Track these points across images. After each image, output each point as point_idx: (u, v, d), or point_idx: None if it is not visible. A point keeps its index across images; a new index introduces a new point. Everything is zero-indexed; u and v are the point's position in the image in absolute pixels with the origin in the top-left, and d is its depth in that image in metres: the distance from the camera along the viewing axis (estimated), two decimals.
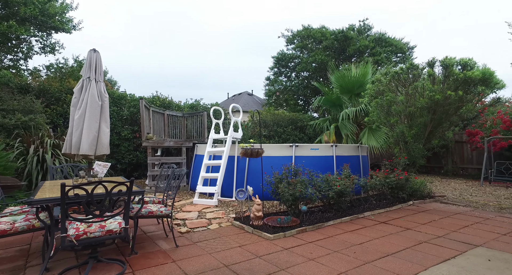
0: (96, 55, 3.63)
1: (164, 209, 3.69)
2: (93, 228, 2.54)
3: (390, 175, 5.84)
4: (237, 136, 7.01)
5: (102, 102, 3.61)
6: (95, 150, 3.49)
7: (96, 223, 2.61)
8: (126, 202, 2.68)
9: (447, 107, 6.01)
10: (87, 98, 3.43)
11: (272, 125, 14.02)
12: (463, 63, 5.73)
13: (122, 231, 2.65)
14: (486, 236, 3.99)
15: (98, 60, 3.64)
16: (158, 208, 3.67)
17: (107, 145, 3.70)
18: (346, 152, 7.00)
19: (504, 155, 9.79)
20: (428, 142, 6.52)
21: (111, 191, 2.56)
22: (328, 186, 4.96)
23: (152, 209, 3.58)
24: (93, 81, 3.54)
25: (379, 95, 6.42)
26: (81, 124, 3.37)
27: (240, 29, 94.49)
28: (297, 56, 17.32)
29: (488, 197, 6.84)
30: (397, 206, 5.68)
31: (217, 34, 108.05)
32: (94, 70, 3.55)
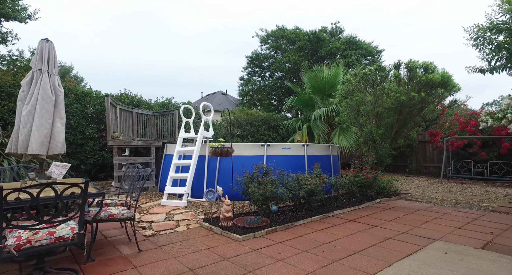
0: (49, 45, 3.32)
1: (127, 211, 3.46)
2: (40, 235, 2.29)
3: (359, 174, 5.98)
4: (207, 135, 6.84)
5: (56, 97, 3.31)
6: (48, 149, 3.19)
7: (44, 229, 2.36)
8: (80, 206, 2.45)
9: (412, 108, 6.27)
10: (38, 92, 3.12)
11: (245, 124, 13.94)
12: (425, 66, 6.01)
13: (76, 238, 2.42)
14: (444, 230, 4.19)
15: (51, 51, 3.33)
16: (120, 211, 3.44)
17: (62, 143, 3.41)
18: (317, 151, 7.08)
19: (460, 154, 10.47)
20: (395, 142, 6.77)
21: (62, 193, 2.33)
22: (298, 185, 4.97)
23: (113, 212, 3.35)
24: (45, 73, 3.23)
25: (349, 96, 6.56)
26: (30, 120, 3.06)
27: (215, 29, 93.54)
28: (271, 56, 17.40)
29: (446, 194, 7.24)
30: (366, 204, 5.83)
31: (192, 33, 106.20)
32: (46, 61, 3.24)
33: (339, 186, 5.64)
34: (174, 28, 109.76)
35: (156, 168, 8.07)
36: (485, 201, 6.32)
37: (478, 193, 7.44)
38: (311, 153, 6.90)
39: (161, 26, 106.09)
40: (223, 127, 14.29)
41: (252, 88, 17.84)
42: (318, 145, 7.24)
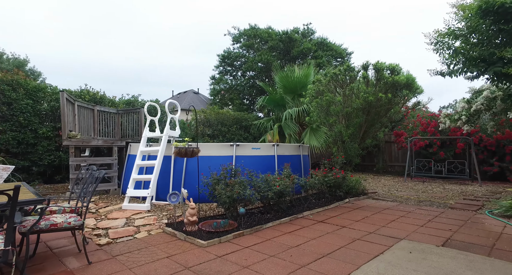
0: None
1: (74, 219, 3.08)
2: None
3: (329, 174, 5.97)
4: (174, 135, 6.49)
5: None
6: None
7: None
8: (8, 217, 2.09)
9: (379, 108, 6.39)
10: None
11: (216, 124, 13.64)
12: (392, 68, 6.15)
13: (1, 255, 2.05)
14: (408, 228, 4.25)
15: None
16: (66, 218, 3.05)
17: None
18: (288, 151, 7.01)
19: (422, 154, 11.00)
20: (363, 142, 6.88)
21: None
22: (267, 186, 4.82)
23: (57, 221, 2.96)
24: None
25: (319, 95, 6.55)
26: None
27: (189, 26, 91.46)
28: (243, 55, 17.21)
29: (410, 192, 7.51)
30: (335, 204, 5.83)
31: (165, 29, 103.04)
32: None
33: (309, 186, 5.58)
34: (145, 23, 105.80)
35: (120, 169, 7.55)
36: (444, 198, 6.61)
37: (437, 190, 7.80)
38: (282, 153, 6.81)
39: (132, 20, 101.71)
40: (193, 126, 13.88)
41: (223, 87, 17.53)
42: (289, 145, 7.17)
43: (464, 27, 4.73)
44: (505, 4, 4.04)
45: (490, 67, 4.18)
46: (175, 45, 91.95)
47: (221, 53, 17.24)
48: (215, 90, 17.53)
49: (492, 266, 2.96)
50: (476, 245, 3.56)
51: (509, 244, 3.61)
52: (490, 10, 4.19)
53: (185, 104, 29.52)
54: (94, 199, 6.31)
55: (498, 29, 4.13)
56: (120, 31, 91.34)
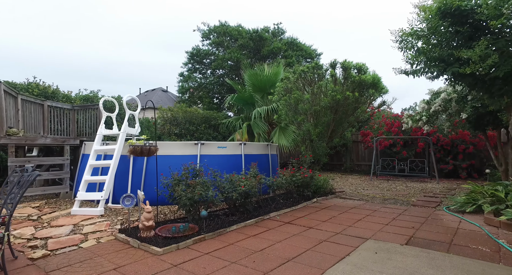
0: None
1: None
2: None
3: (297, 173, 5.85)
4: (132, 132, 6.00)
5: None
6: None
7: None
8: None
9: (347, 107, 6.40)
10: None
11: (184, 123, 13.12)
12: (358, 67, 6.18)
13: None
14: (374, 227, 4.22)
15: None
16: None
17: None
18: (255, 150, 6.80)
19: (386, 153, 11.39)
20: (331, 141, 6.87)
21: None
22: (232, 187, 4.56)
23: None
24: None
25: (287, 93, 6.42)
26: None
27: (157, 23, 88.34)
28: (212, 53, 16.78)
29: (375, 190, 7.65)
30: (303, 204, 5.71)
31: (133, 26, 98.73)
32: None
33: (276, 186, 5.41)
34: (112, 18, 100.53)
35: (74, 170, 6.87)
36: (407, 196, 6.79)
37: (400, 188, 8.04)
38: (249, 152, 6.59)
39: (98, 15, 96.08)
40: (160, 124, 13.23)
41: (192, 85, 16.97)
42: (256, 144, 6.98)
43: (425, 28, 4.82)
44: (460, 6, 4.16)
45: (449, 68, 4.29)
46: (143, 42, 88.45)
47: (190, 50, 16.67)
48: (184, 88, 16.92)
49: (451, 263, 2.96)
50: (437, 242, 3.58)
51: (464, 239, 3.68)
52: (448, 12, 4.29)
53: (153, 102, 28.30)
54: (39, 204, 5.64)
55: (455, 31, 4.25)
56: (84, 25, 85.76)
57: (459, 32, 4.14)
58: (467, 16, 4.21)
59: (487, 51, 3.71)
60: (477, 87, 4.49)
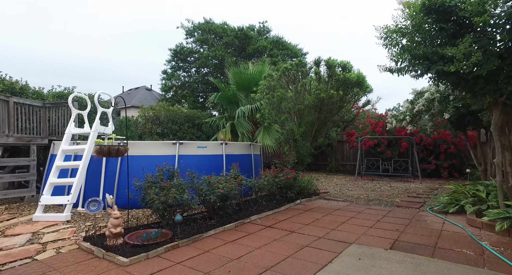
0: None
1: None
2: None
3: (280, 174, 5.64)
4: (106, 131, 5.62)
5: None
6: None
7: None
8: None
9: (331, 106, 6.25)
10: None
11: (166, 122, 12.72)
12: (343, 65, 6.04)
13: None
14: (358, 231, 4.06)
15: None
16: None
17: None
18: (238, 150, 6.55)
19: (371, 153, 11.40)
20: (315, 141, 6.71)
21: None
22: (211, 189, 4.29)
23: None
24: None
25: (270, 91, 6.21)
26: None
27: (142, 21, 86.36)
28: (197, 51, 16.38)
29: (360, 191, 7.56)
30: (286, 206, 5.51)
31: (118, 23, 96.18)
32: None
33: (258, 188, 5.18)
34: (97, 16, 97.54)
35: (37, 172, 6.39)
36: (391, 197, 6.72)
37: (385, 188, 8.00)
38: (231, 153, 6.33)
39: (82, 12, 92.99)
40: (140, 124, 12.77)
41: (176, 83, 16.51)
42: (239, 144, 6.73)
43: (410, 26, 4.71)
44: (445, 2, 4.06)
45: (433, 66, 4.18)
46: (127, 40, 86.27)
47: (173, 48, 16.20)
48: (167, 86, 16.43)
49: (436, 269, 2.82)
50: (421, 246, 3.45)
51: (449, 242, 3.57)
52: (432, 8, 4.18)
53: (136, 101, 27.53)
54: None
55: (439, 28, 4.15)
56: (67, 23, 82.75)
57: (443, 29, 4.05)
58: (451, 13, 4.12)
59: (471, 49, 3.62)
60: (460, 86, 4.43)
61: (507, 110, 4.28)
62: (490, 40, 3.95)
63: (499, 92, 4.01)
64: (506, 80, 3.88)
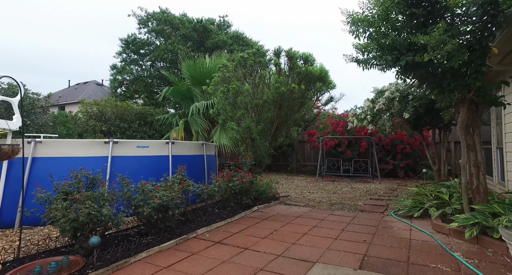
0: None
1: None
2: None
3: (234, 178, 4.93)
4: (11, 126, 4.41)
5: None
6: None
7: None
8: None
9: (292, 102, 5.71)
10: None
11: (113, 119, 11.35)
12: (305, 57, 5.53)
13: None
14: (322, 244, 3.51)
15: None
16: None
17: None
18: (187, 150, 5.71)
19: (332, 153, 11.21)
20: (275, 140, 6.12)
21: None
22: (145, 199, 3.44)
23: None
24: None
25: (225, 84, 5.47)
26: None
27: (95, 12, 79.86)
28: (152, 43, 15.06)
29: (322, 193, 7.15)
30: (241, 215, 4.81)
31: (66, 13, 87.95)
32: None
33: (207, 195, 4.41)
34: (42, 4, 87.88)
35: None
36: (353, 199, 6.38)
37: (346, 190, 7.70)
38: (179, 153, 5.47)
39: None
40: (81, 121, 11.22)
41: (128, 77, 15.00)
42: (189, 143, 5.89)
43: (376, 15, 4.29)
44: None
45: (402, 57, 3.82)
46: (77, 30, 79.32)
47: (125, 38, 14.69)
48: (117, 81, 14.84)
49: None
50: (393, 262, 2.98)
51: (421, 255, 3.15)
52: None
53: (84, 97, 25.00)
54: None
55: (411, 14, 3.78)
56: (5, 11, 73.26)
57: (413, 15, 3.68)
58: None
59: (443, 37, 3.28)
60: (428, 81, 4.14)
61: (472, 108, 4.05)
62: (460, 30, 3.66)
63: (467, 88, 3.74)
64: (474, 75, 3.62)
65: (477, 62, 3.52)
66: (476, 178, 3.99)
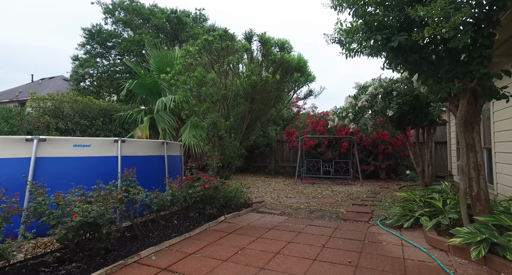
0: None
1: None
2: None
3: (195, 183, 4.10)
4: None
5: None
6: None
7: None
8: None
9: (266, 95, 4.97)
10: None
11: (72, 115, 10.15)
12: (281, 43, 4.82)
13: None
14: (298, 268, 2.78)
15: None
16: None
17: None
18: (143, 150, 4.81)
19: (311, 154, 10.60)
20: (247, 139, 5.35)
21: None
22: (59, 216, 2.56)
23: None
24: None
25: (187, 72, 4.64)
26: None
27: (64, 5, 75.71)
28: (119, 35, 13.85)
29: (300, 198, 6.47)
30: (202, 228, 4.00)
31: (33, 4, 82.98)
32: None
33: (157, 206, 3.56)
34: None
35: None
36: (334, 205, 5.73)
37: (326, 194, 7.07)
38: (132, 154, 4.57)
39: None
40: (32, 116, 9.92)
41: (92, 71, 13.70)
42: (144, 142, 4.99)
43: None
44: None
45: (394, 37, 3.18)
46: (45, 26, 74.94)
47: (88, 28, 13.40)
48: (78, 74, 13.50)
49: None
50: None
51: None
52: None
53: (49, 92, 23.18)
54: None
55: None
56: None
57: None
58: None
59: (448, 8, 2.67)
60: (422, 69, 3.54)
61: (472, 100, 3.47)
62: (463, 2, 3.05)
63: (469, 75, 3.15)
64: (479, 60, 3.03)
65: (485, 42, 2.92)
66: (476, 183, 3.41)
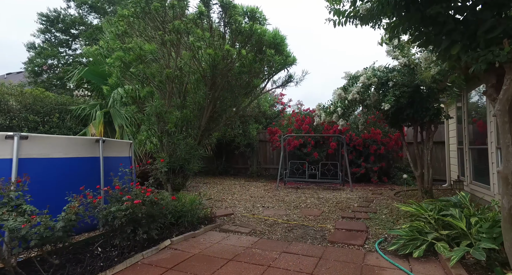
0: None
1: None
2: None
3: (123, 197, 2.88)
4: None
5: None
6: None
7: None
8: None
9: (233, 80, 3.79)
10: None
11: (18, 110, 8.69)
12: (250, 10, 3.64)
13: None
14: None
15: None
16: None
17: None
18: (62, 151, 3.53)
19: (296, 154, 9.52)
20: (208, 136, 4.16)
21: None
22: None
23: None
24: None
25: (122, 44, 3.42)
26: None
27: None
28: (84, 22, 12.39)
29: (279, 208, 5.34)
30: (132, 261, 2.78)
31: None
32: None
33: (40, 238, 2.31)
34: None
35: None
36: (320, 219, 4.61)
37: (311, 202, 5.97)
38: (43, 155, 3.30)
39: None
40: None
41: (51, 61, 12.19)
42: (65, 139, 3.71)
43: None
44: None
45: None
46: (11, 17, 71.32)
47: (46, 13, 11.87)
48: (34, 64, 11.95)
49: None
50: None
51: None
52: None
53: None
54: None
55: None
56: None
57: None
58: None
59: None
60: (445, 30, 2.43)
61: None
62: None
63: None
64: None
65: None
66: None
